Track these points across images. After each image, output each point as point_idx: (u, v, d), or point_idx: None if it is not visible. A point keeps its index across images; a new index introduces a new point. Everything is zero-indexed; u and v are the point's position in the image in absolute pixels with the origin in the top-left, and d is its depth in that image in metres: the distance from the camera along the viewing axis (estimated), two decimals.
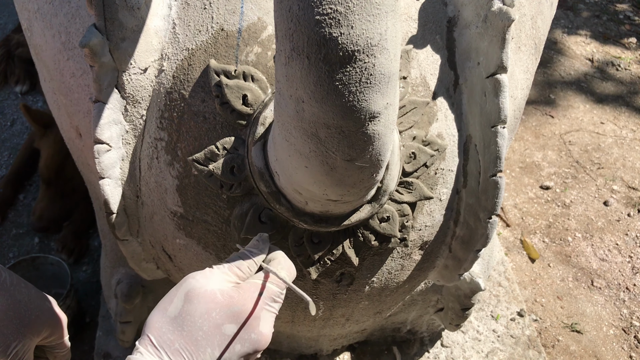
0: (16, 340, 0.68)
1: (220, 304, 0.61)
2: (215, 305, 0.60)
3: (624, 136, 2.39)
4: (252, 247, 0.68)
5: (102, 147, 0.86)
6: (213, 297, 0.61)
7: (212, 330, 0.60)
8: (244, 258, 0.66)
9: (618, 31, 2.91)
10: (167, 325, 0.59)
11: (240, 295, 0.62)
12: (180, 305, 0.60)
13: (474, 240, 0.98)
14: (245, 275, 0.65)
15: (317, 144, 0.61)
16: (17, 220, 1.94)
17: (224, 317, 0.60)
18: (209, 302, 0.60)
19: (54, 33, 0.94)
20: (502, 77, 0.85)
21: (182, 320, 0.60)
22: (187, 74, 0.86)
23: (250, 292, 0.63)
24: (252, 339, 0.61)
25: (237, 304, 0.61)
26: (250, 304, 0.62)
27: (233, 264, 0.65)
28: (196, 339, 0.59)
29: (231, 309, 0.61)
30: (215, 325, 0.60)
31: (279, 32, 0.56)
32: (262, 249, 0.68)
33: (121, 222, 0.95)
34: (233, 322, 0.60)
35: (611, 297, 1.85)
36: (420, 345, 1.53)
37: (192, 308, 0.60)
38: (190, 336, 0.59)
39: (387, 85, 0.57)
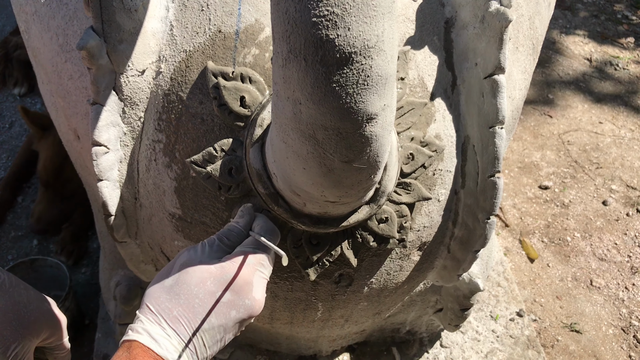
0: (15, 342, 0.69)
1: (214, 274, 0.64)
2: (209, 275, 0.64)
3: (623, 136, 2.39)
4: (238, 218, 0.73)
5: (100, 149, 0.86)
6: (207, 268, 0.64)
7: (207, 297, 0.63)
8: (232, 229, 0.71)
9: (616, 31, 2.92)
10: (165, 294, 0.63)
11: (231, 264, 0.65)
12: (177, 276, 0.64)
13: (472, 240, 0.98)
14: (234, 245, 0.70)
15: (315, 146, 0.61)
16: (16, 223, 1.93)
17: (217, 285, 0.64)
18: (203, 271, 0.64)
19: (52, 35, 0.94)
20: (499, 77, 0.85)
21: (179, 288, 0.63)
22: (184, 75, 0.86)
23: (239, 260, 0.66)
24: (246, 305, 0.65)
25: (228, 272, 0.65)
26: (242, 271, 0.66)
27: (222, 236, 0.70)
28: (193, 306, 0.62)
29: (223, 277, 0.64)
30: (210, 292, 0.63)
31: (276, 34, 0.56)
32: (246, 218, 0.73)
33: (119, 224, 0.95)
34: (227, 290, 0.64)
35: (610, 296, 1.85)
36: (420, 346, 1.53)
37: (188, 277, 0.63)
38: (187, 303, 0.62)
39: (384, 86, 0.57)
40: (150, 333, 0.60)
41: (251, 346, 1.45)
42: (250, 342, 1.44)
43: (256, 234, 0.71)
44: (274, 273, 0.94)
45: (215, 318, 0.63)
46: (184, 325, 0.61)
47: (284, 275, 0.94)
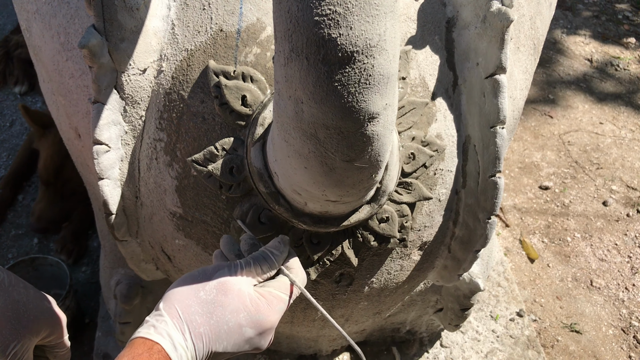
0: (15, 341, 0.69)
1: (249, 310, 0.65)
2: (244, 308, 0.64)
3: (623, 136, 2.39)
4: (274, 249, 0.71)
5: (101, 147, 0.86)
6: (244, 299, 0.65)
7: (235, 328, 0.63)
8: (267, 258, 0.70)
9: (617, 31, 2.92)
10: (197, 307, 0.63)
11: (266, 308, 0.66)
12: (214, 294, 0.64)
13: (473, 240, 0.98)
14: (266, 276, 0.70)
15: (316, 145, 0.61)
16: (16, 221, 1.93)
17: (248, 321, 0.64)
18: (239, 302, 0.64)
19: (53, 34, 0.94)
20: (501, 77, 0.85)
21: (214, 308, 0.63)
22: (186, 74, 0.86)
23: (275, 305, 0.67)
24: (258, 343, 0.66)
25: (262, 313, 0.66)
26: (273, 317, 0.67)
27: (257, 264, 0.69)
28: (219, 331, 0.63)
29: (257, 316, 0.65)
30: (239, 325, 0.64)
31: (278, 33, 0.56)
32: (283, 251, 0.72)
33: (120, 223, 0.95)
34: (253, 328, 0.65)
35: (610, 297, 1.85)
36: (420, 346, 1.53)
37: (226, 301, 0.64)
38: (216, 326, 0.63)
39: (386, 86, 0.57)
40: (173, 340, 0.60)
41: None
42: None
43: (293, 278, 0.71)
44: None
45: (231, 347, 0.64)
46: (204, 344, 0.62)
47: None
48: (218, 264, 0.68)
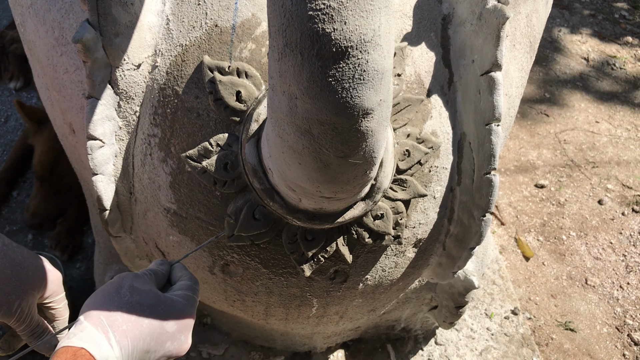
0: (19, 299, 0.70)
1: (165, 303, 0.66)
2: (160, 302, 0.66)
3: (619, 135, 2.40)
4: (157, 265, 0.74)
5: (95, 143, 0.85)
6: (158, 296, 0.67)
7: (155, 323, 0.65)
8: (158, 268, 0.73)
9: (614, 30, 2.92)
10: (116, 308, 0.64)
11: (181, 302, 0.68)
12: (129, 295, 0.65)
13: (467, 238, 0.98)
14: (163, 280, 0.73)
15: (311, 141, 0.61)
16: (11, 217, 1.93)
17: (166, 313, 0.66)
18: (154, 299, 0.66)
19: (47, 29, 0.94)
20: (496, 74, 0.85)
21: (132, 306, 0.64)
22: (180, 70, 0.85)
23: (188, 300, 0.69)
24: (180, 341, 0.67)
25: (178, 306, 0.67)
26: (190, 309, 0.68)
27: (153, 271, 0.72)
28: (141, 326, 0.63)
29: (174, 309, 0.67)
30: (158, 319, 0.65)
31: (272, 28, 0.56)
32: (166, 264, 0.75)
33: (114, 219, 0.95)
34: (173, 321, 0.66)
35: (605, 295, 1.85)
36: (415, 343, 1.53)
37: (142, 299, 0.65)
38: (138, 322, 0.63)
39: (380, 81, 0.57)
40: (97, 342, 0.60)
41: (246, 342, 1.45)
42: (245, 338, 1.44)
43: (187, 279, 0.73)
44: (269, 269, 0.93)
45: (155, 343, 0.64)
46: (129, 341, 0.62)
47: (279, 271, 0.94)
48: (120, 275, 0.69)
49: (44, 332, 0.75)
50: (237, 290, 1.00)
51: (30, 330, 0.73)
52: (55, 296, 0.77)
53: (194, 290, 0.71)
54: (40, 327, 0.75)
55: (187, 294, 0.70)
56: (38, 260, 0.75)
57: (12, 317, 0.70)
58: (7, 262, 0.71)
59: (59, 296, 0.78)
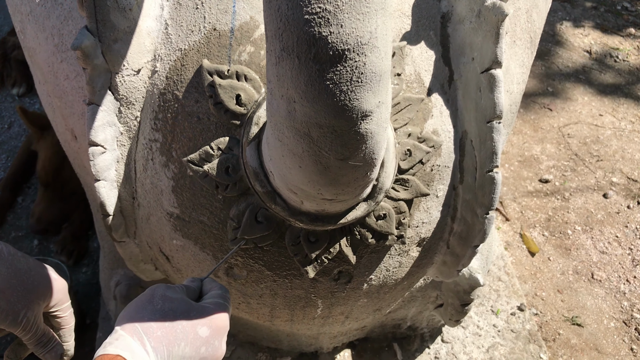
0: (25, 308, 0.71)
1: (197, 309, 0.67)
2: (193, 308, 0.67)
3: (623, 128, 2.39)
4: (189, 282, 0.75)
5: (96, 149, 0.86)
6: (190, 303, 0.68)
7: (188, 327, 0.65)
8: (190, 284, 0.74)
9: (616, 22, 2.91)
10: (150, 316, 0.65)
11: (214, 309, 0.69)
12: (161, 303, 0.66)
13: (471, 236, 0.98)
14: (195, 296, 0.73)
15: (310, 144, 0.61)
16: (16, 223, 1.94)
17: (200, 320, 0.66)
18: (187, 305, 0.67)
19: (47, 35, 0.94)
20: (496, 72, 0.85)
21: (165, 313, 0.65)
22: (180, 74, 0.85)
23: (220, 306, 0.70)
24: (214, 346, 0.67)
25: (211, 312, 0.68)
26: (223, 316, 0.69)
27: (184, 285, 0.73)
28: (175, 331, 0.64)
29: (207, 314, 0.67)
30: (192, 324, 0.66)
31: (269, 32, 0.55)
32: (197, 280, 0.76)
33: (118, 224, 0.95)
34: (206, 326, 0.67)
35: (611, 289, 1.84)
36: (421, 341, 1.53)
37: (175, 306, 0.66)
38: (171, 328, 0.64)
39: (378, 83, 0.57)
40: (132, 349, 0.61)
41: (252, 344, 1.45)
42: (251, 339, 1.44)
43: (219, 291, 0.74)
44: (273, 271, 0.94)
45: (189, 348, 0.65)
46: (164, 346, 0.63)
47: (283, 273, 0.94)
48: (152, 287, 0.70)
49: (49, 341, 0.76)
50: (241, 292, 1.00)
51: (37, 340, 0.74)
52: (61, 305, 0.77)
53: (225, 298, 0.72)
54: (46, 336, 0.75)
55: (218, 302, 0.71)
56: (43, 269, 0.75)
57: (18, 327, 0.71)
58: (13, 271, 0.71)
59: (64, 305, 0.78)
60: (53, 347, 0.76)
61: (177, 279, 1.07)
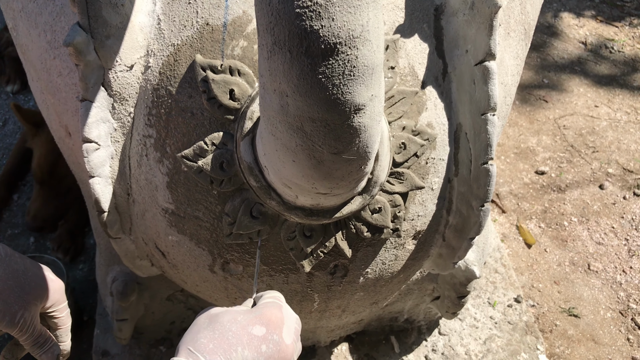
0: (21, 309, 0.70)
1: (242, 312, 0.66)
2: (239, 314, 0.66)
3: (618, 119, 2.39)
4: None
5: (90, 145, 0.85)
6: (234, 310, 0.67)
7: (240, 330, 0.64)
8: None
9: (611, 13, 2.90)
10: (199, 335, 0.64)
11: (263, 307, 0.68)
12: (207, 321, 0.65)
13: (467, 228, 0.98)
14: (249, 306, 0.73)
15: (303, 138, 0.61)
16: (12, 221, 1.93)
17: (249, 320, 0.65)
18: (233, 314, 0.66)
19: (39, 32, 0.94)
20: (490, 64, 0.85)
21: (212, 326, 0.64)
22: (173, 69, 0.85)
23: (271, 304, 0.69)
24: (274, 340, 0.65)
25: (257, 309, 0.67)
26: (275, 310, 0.67)
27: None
28: (227, 338, 0.63)
29: (256, 313, 0.66)
30: (242, 326, 0.64)
31: (260, 27, 0.55)
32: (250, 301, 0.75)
33: (113, 221, 0.95)
34: (258, 324, 0.65)
35: (608, 280, 1.85)
36: (418, 334, 1.53)
37: (220, 318, 0.65)
38: (222, 336, 0.63)
39: (371, 76, 0.57)
40: None
41: None
42: None
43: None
44: (269, 266, 0.94)
45: (248, 351, 0.63)
46: (220, 356, 0.61)
47: (279, 268, 0.94)
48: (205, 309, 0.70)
49: (46, 341, 0.76)
50: (238, 287, 1.00)
51: (33, 340, 0.74)
52: (58, 305, 0.77)
53: (275, 297, 0.71)
54: (43, 336, 0.75)
55: (267, 302, 0.70)
56: (40, 270, 0.75)
57: (15, 327, 0.70)
58: (10, 272, 0.71)
59: (61, 305, 0.78)
60: (50, 347, 0.76)
61: (174, 274, 1.07)
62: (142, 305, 1.25)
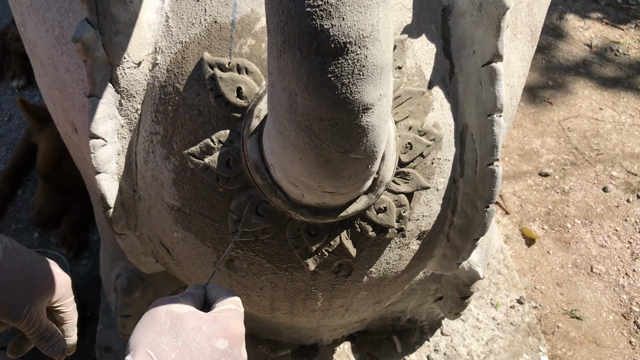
0: (28, 303, 0.70)
1: (208, 322, 0.63)
2: (203, 321, 0.63)
3: (623, 122, 2.39)
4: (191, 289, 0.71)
5: (97, 142, 0.86)
6: (199, 315, 0.63)
7: (203, 342, 0.61)
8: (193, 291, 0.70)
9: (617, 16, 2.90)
10: (160, 338, 0.60)
11: (225, 317, 0.65)
12: (169, 322, 0.62)
13: (471, 229, 0.98)
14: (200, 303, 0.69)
15: (311, 137, 0.61)
16: (16, 216, 1.94)
17: (213, 331, 0.62)
18: (196, 319, 0.63)
19: (48, 28, 0.94)
20: (497, 65, 0.85)
21: (176, 332, 0.61)
22: (181, 67, 0.85)
23: (231, 313, 0.66)
24: (234, 355, 0.63)
25: (223, 321, 0.64)
26: (237, 322, 0.65)
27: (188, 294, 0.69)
28: (190, 349, 0.60)
29: (219, 325, 0.63)
30: (206, 337, 0.62)
31: (270, 25, 0.55)
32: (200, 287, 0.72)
33: (118, 217, 0.95)
34: (222, 337, 0.63)
35: (611, 283, 1.85)
36: (421, 334, 1.53)
37: (183, 323, 0.62)
38: (185, 346, 0.60)
39: (380, 76, 0.57)
40: None
41: (252, 336, 1.46)
42: (251, 332, 1.45)
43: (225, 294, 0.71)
44: (274, 264, 0.94)
45: None
46: None
47: (284, 266, 0.95)
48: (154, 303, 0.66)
49: (52, 335, 0.76)
50: (242, 285, 1.00)
51: (39, 334, 0.74)
52: (64, 300, 0.77)
53: (236, 302, 0.68)
54: (49, 330, 0.75)
55: (229, 308, 0.67)
56: (47, 264, 0.75)
57: (22, 322, 0.71)
58: (17, 266, 0.71)
59: (67, 300, 0.78)
60: (56, 341, 0.76)
61: (178, 271, 1.07)
62: (146, 301, 1.25)
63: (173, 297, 0.66)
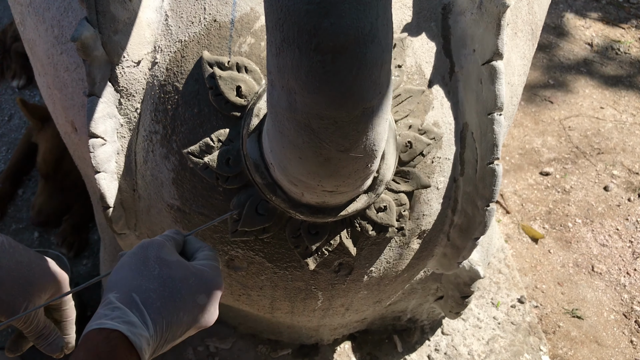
0: (26, 301, 0.70)
1: (195, 274, 0.64)
2: (191, 274, 0.64)
3: (624, 120, 2.38)
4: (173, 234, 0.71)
5: (96, 141, 0.85)
6: (187, 266, 0.64)
7: (188, 296, 0.62)
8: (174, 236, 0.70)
9: (618, 14, 2.89)
10: (148, 284, 0.61)
11: (209, 272, 0.66)
12: (158, 269, 0.63)
13: (472, 228, 0.98)
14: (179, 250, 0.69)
15: (311, 135, 0.61)
16: (17, 215, 1.93)
17: (199, 286, 0.63)
18: (184, 270, 0.64)
19: (47, 27, 0.94)
20: (497, 64, 0.85)
21: (164, 281, 0.62)
22: (180, 66, 0.85)
23: (214, 269, 0.67)
24: (210, 312, 0.65)
25: (208, 276, 0.65)
26: (219, 279, 0.66)
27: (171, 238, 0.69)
28: (175, 300, 0.61)
29: (205, 279, 0.64)
30: (191, 292, 0.63)
31: (269, 23, 0.55)
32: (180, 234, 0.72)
33: (118, 216, 0.95)
34: (204, 293, 0.64)
35: (612, 282, 1.85)
36: (421, 334, 1.53)
37: (172, 272, 0.63)
38: (171, 296, 0.61)
39: (379, 74, 0.57)
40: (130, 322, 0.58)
41: (253, 336, 1.46)
42: (252, 331, 1.45)
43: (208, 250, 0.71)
44: (274, 263, 0.94)
45: (187, 317, 0.62)
46: (162, 317, 0.60)
47: (284, 265, 0.94)
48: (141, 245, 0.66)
49: (50, 333, 0.76)
50: (242, 284, 1.00)
51: (37, 332, 0.74)
52: None
53: (216, 259, 0.69)
54: (47, 328, 0.75)
55: (213, 264, 0.67)
56: (44, 262, 0.75)
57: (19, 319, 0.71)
58: (14, 264, 0.71)
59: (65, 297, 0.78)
60: (54, 339, 0.76)
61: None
62: None
63: (159, 242, 0.66)
